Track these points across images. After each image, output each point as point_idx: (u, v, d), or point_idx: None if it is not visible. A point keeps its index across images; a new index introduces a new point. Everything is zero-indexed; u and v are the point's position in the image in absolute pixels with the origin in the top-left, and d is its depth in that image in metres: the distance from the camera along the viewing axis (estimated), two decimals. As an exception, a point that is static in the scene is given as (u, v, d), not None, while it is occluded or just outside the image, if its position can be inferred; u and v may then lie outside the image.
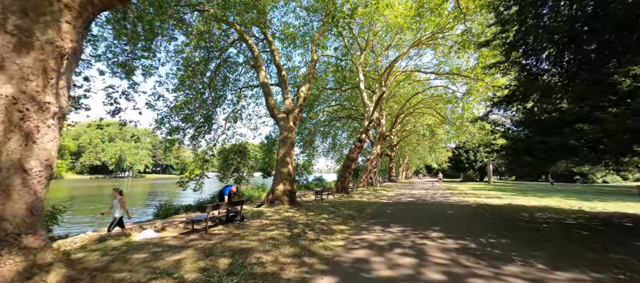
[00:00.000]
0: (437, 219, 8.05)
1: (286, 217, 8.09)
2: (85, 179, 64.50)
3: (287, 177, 10.97)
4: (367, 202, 12.36)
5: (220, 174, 20.02)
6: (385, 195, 16.16)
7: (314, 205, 10.92)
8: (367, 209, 10.17)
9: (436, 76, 26.29)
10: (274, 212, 8.98)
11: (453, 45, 16.88)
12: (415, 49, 23.29)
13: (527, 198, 14.26)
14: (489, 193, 17.48)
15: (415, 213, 9.19)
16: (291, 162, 11.50)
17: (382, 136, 23.26)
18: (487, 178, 35.45)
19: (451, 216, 8.70)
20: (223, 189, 7.65)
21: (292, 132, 12.08)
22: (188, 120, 14.80)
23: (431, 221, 7.69)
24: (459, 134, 27.18)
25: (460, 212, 9.50)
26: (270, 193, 10.87)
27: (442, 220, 7.96)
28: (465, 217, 8.48)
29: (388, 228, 6.61)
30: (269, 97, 12.45)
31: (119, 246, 4.81)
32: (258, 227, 6.59)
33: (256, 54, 12.95)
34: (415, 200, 13.47)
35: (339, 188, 16.75)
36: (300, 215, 8.43)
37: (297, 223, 7.04)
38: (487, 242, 5.26)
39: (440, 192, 18.81)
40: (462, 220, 8.04)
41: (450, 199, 14.00)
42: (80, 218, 15.73)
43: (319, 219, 7.76)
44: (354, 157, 17.52)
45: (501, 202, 12.33)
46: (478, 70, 16.84)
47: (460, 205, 11.61)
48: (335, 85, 23.00)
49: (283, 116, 12.22)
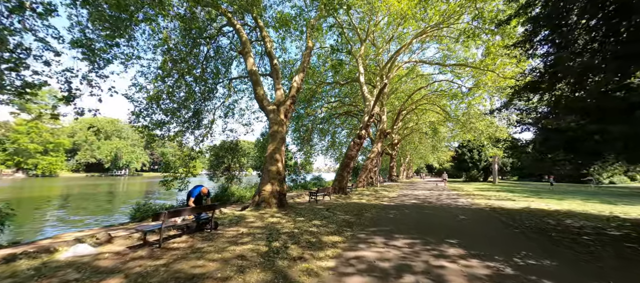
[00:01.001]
0: (450, 227, 6.75)
1: (270, 223, 6.80)
2: (80, 177, 63.33)
3: (276, 177, 9.68)
4: (367, 204, 11.07)
5: (210, 172, 18.75)
6: (386, 196, 14.87)
7: (307, 208, 9.63)
8: (366, 213, 8.87)
9: (440, 70, 25.01)
10: (257, 216, 7.69)
11: (461, 33, 15.56)
12: (418, 43, 21.97)
13: (544, 201, 12.95)
14: (499, 195, 16.16)
15: (423, 219, 7.89)
16: (281, 160, 10.20)
17: (383, 133, 21.95)
18: (492, 178, 34.11)
19: (466, 223, 7.40)
20: (191, 190, 6.36)
21: (283, 126, 10.78)
22: (170, 113, 13.54)
23: (444, 230, 6.39)
24: (464, 132, 25.82)
25: (474, 218, 8.19)
26: (257, 195, 9.58)
27: (457, 228, 6.66)
28: (482, 225, 7.18)
29: (392, 241, 5.31)
30: (257, 87, 11.14)
31: (25, 270, 3.53)
32: (230, 238, 5.30)
33: (244, 39, 11.64)
34: (419, 203, 12.17)
35: (337, 188, 15.46)
36: (287, 221, 7.13)
37: (281, 233, 5.75)
38: (526, 265, 3.96)
39: (445, 193, 17.50)
40: (480, 228, 6.73)
41: (458, 201, 12.69)
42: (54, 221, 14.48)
43: (308, 227, 6.47)
44: (352, 155, 16.23)
45: (517, 206, 11.02)
46: (487, 61, 15.49)
47: (472, 208, 10.31)
48: (332, 73, 21.59)
49: (273, 108, 10.92)
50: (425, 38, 21.14)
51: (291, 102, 11.37)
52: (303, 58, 12.76)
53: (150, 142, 13.19)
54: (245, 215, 7.91)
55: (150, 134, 12.70)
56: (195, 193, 6.21)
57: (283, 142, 10.61)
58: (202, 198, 6.35)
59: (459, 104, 23.93)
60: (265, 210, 8.75)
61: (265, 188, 9.42)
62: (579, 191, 22.35)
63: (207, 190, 6.35)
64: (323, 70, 22.41)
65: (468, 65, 17.58)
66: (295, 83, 11.76)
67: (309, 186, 24.29)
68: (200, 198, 6.32)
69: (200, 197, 6.29)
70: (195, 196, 6.19)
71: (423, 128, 33.13)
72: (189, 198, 6.25)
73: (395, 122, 27.35)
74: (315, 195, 11.81)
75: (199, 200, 6.29)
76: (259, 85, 11.18)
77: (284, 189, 9.97)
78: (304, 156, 29.11)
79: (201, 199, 6.35)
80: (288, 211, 8.80)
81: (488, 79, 17.99)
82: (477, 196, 15.27)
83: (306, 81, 22.94)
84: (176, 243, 4.95)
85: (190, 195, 6.31)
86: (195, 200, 6.23)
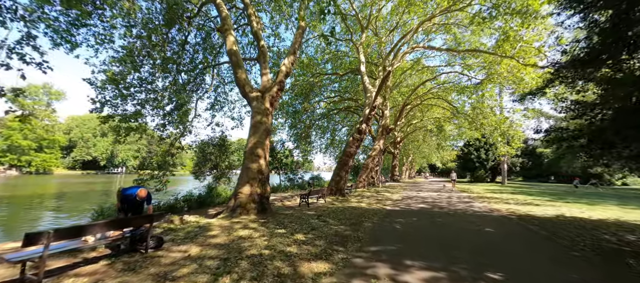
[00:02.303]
0: (478, 247, 5.01)
1: (237, 239, 5.09)
2: (75, 175, 62.00)
3: (256, 176, 7.96)
4: (367, 210, 9.33)
5: (196, 170, 17.05)
6: (389, 199, 13.12)
7: (294, 215, 7.92)
8: (366, 222, 7.14)
9: (448, 62, 23.17)
10: (226, 227, 5.98)
11: (475, 16, 13.75)
12: (423, 35, 20.13)
13: (572, 206, 11.15)
14: (516, 198, 14.37)
15: (439, 233, 6.14)
16: (264, 155, 8.49)
17: (385, 129, 20.17)
18: (501, 178, 32.23)
19: (497, 240, 5.65)
20: (122, 191, 4.66)
21: (268, 116, 9.07)
22: (145, 103, 11.91)
23: (471, 252, 4.65)
24: (473, 129, 23.97)
25: (504, 231, 6.44)
26: (232, 198, 7.87)
27: (488, 249, 4.92)
28: (521, 243, 5.43)
29: (403, 273, 3.59)
30: (238, 70, 9.42)
31: None
32: (165, 267, 3.61)
33: (224, 15, 9.90)
34: (429, 207, 10.42)
35: (333, 189, 13.73)
36: (262, 235, 5.42)
37: (242, 258, 4.04)
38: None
39: (455, 195, 15.72)
40: (520, 249, 4.99)
41: (473, 206, 10.92)
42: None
43: (286, 244, 4.76)
44: (351, 152, 14.48)
45: (546, 213, 9.23)
46: (506, 46, 13.63)
47: (494, 216, 8.54)
48: (330, 65, 19.86)
49: (257, 95, 9.21)
50: (432, 27, 19.34)
51: (278, 88, 9.64)
52: (294, 39, 11.03)
53: (121, 136, 11.51)
54: (212, 225, 6.20)
55: (118, 125, 11.05)
56: (133, 194, 4.50)
57: (267, 135, 8.90)
58: (137, 204, 4.64)
59: (469, 98, 22.08)
60: (241, 217, 7.04)
61: (243, 191, 7.71)
62: (604, 194, 20.48)
63: (146, 193, 4.64)
64: (321, 58, 20.66)
65: (482, 51, 15.72)
66: (284, 67, 10.04)
67: (306, 186, 22.60)
68: (133, 205, 4.61)
69: (136, 202, 4.59)
70: (129, 201, 4.50)
71: (428, 125, 31.29)
72: (123, 203, 4.55)
73: (398, 118, 25.54)
74: (307, 197, 10.08)
75: (134, 206, 4.59)
76: (240, 67, 9.45)
77: (267, 191, 8.26)
78: (301, 154, 27.40)
79: (136, 205, 4.64)
80: (269, 219, 7.08)
81: (503, 68, 16.16)
82: (492, 199, 13.47)
83: (303, 74, 21.26)
84: (70, 278, 3.24)
85: (119, 197, 4.62)
86: (129, 206, 4.54)
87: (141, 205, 4.68)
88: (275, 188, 20.80)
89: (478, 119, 21.51)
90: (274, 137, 24.53)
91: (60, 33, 9.36)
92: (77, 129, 70.72)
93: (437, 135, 32.99)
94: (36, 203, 18.01)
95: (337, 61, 22.06)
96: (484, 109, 20.45)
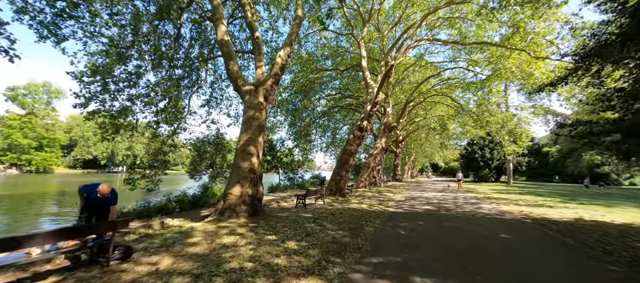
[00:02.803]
0: (499, 260, 4.34)
1: (218, 247, 4.46)
2: (76, 174, 61.75)
3: (247, 176, 7.32)
4: (368, 212, 8.67)
5: (191, 169, 16.45)
6: (392, 200, 12.45)
7: (289, 218, 7.28)
8: (367, 226, 6.49)
9: (452, 58, 22.39)
10: (210, 233, 5.35)
11: (481, 7, 13.02)
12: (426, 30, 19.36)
13: (589, 208, 10.43)
14: (526, 199, 13.63)
15: (449, 240, 5.48)
16: (257, 153, 7.85)
17: (387, 127, 19.47)
18: (506, 178, 31.40)
19: (519, 250, 4.98)
20: (82, 189, 4.01)
21: (261, 111, 8.43)
22: (135, 99, 11.33)
23: (492, 266, 3.99)
24: (478, 127, 23.20)
25: (523, 238, 5.75)
26: (222, 200, 7.24)
27: (510, 262, 4.25)
28: (546, 254, 4.75)
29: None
30: (230, 61, 8.78)
31: None
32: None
33: (216, 2, 9.25)
34: (434, 209, 9.74)
35: (333, 189, 13.08)
36: (248, 243, 4.78)
37: (220, 272, 3.41)
38: None
39: (461, 196, 15.01)
40: (547, 263, 4.31)
41: (482, 208, 10.22)
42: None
43: (274, 255, 4.12)
44: (352, 151, 13.81)
45: (564, 215, 8.52)
46: (516, 39, 12.88)
47: (506, 220, 7.85)
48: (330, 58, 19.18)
49: (250, 89, 8.57)
50: (436, 22, 18.60)
51: (273, 81, 8.99)
52: (291, 29, 10.37)
53: (108, 133, 10.91)
54: (195, 230, 5.57)
55: (104, 121, 10.46)
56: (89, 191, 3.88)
57: (261, 131, 8.26)
58: (100, 203, 3.99)
59: (474, 95, 21.29)
60: (229, 221, 6.41)
61: (233, 192, 7.07)
62: (614, 194, 19.67)
63: (109, 190, 3.96)
64: (321, 54, 19.99)
65: (491, 43, 14.93)
66: (279, 58, 9.39)
67: (307, 185, 21.97)
68: (99, 203, 3.97)
69: (99, 200, 3.94)
70: (91, 200, 3.86)
71: (431, 123, 30.51)
72: (87, 203, 3.91)
73: (400, 116, 24.80)
74: (304, 198, 9.43)
75: (98, 206, 3.95)
76: (232, 59, 8.81)
77: (259, 192, 7.62)
78: (301, 153, 26.76)
79: (99, 204, 3.99)
80: (260, 223, 6.44)
81: (511, 63, 15.39)
82: (501, 201, 12.75)
83: (303, 71, 20.60)
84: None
85: (81, 196, 3.99)
86: (91, 205, 3.90)
87: (105, 205, 4.03)
88: (274, 188, 20.20)
89: (484, 117, 20.75)
90: (273, 136, 23.93)
91: (46, 25, 8.84)
92: (78, 127, 70.53)
93: (441, 133, 32.20)
94: (37, 201, 17.50)
95: (337, 57, 21.39)
96: (490, 105, 19.69)
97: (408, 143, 40.25)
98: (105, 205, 4.03)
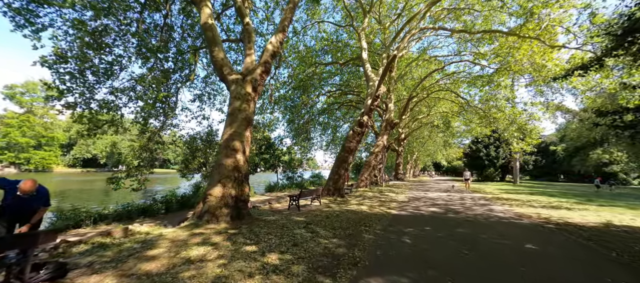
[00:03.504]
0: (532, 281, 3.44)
1: (182, 263, 3.59)
2: (75, 173, 61.31)
3: (231, 174, 6.45)
4: (369, 215, 7.78)
5: (182, 168, 15.62)
6: (394, 201, 11.55)
7: (278, 222, 6.41)
8: (366, 233, 5.61)
9: (457, 53, 21.37)
10: (179, 242, 4.48)
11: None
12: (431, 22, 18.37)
13: (613, 210, 9.47)
14: (538, 200, 12.68)
15: (465, 252, 4.58)
16: (243, 150, 6.97)
17: (389, 124, 18.54)
18: (513, 177, 30.36)
19: (551, 266, 4.07)
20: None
21: (249, 103, 7.55)
22: (120, 92, 10.53)
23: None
24: (484, 125, 22.20)
25: (551, 250, 4.83)
26: (201, 202, 6.38)
27: None
28: (591, 272, 3.84)
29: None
30: (214, 48, 7.91)
31: None
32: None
33: (199, -17, 8.39)
34: (442, 212, 8.82)
35: (331, 189, 12.19)
36: (220, 256, 3.91)
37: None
38: None
39: (468, 197, 14.07)
40: (588, 281, 3.41)
41: (493, 210, 9.29)
42: None
43: (248, 273, 3.25)
44: (351, 148, 12.91)
45: (586, 219, 7.58)
46: (530, 27, 11.89)
47: (523, 224, 6.93)
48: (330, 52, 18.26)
49: (237, 78, 7.70)
50: (440, 14, 17.62)
51: (263, 70, 8.11)
52: (285, 14, 9.47)
53: (85, 129, 10.09)
54: (162, 238, 4.71)
55: (81, 115, 9.64)
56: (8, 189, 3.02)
57: (248, 125, 7.38)
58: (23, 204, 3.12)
59: (480, 91, 20.27)
60: (206, 227, 5.54)
61: (213, 193, 6.20)
62: (626, 194, 18.63)
63: (34, 187, 3.09)
64: (319, 46, 19.08)
65: (502, 32, 13.94)
66: (270, 45, 8.51)
67: (306, 185, 21.12)
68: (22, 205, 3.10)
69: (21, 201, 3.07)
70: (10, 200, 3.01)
71: (434, 120, 29.50)
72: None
73: (403, 112, 23.85)
74: (297, 199, 8.55)
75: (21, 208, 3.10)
76: (217, 45, 7.94)
77: (245, 193, 6.74)
78: (300, 150, 25.90)
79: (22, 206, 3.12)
80: (242, 229, 5.57)
81: (522, 54, 14.39)
82: (513, 202, 11.80)
83: (301, 66, 19.71)
84: None
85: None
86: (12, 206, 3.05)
87: (31, 207, 3.16)
88: (272, 188, 19.38)
89: (491, 113, 19.75)
90: (271, 133, 23.08)
91: (22, 13, 8.04)
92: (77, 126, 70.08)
93: (444, 131, 31.19)
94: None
95: (337, 53, 20.49)
96: (497, 101, 18.69)
97: (410, 141, 39.26)
98: (31, 207, 3.16)
